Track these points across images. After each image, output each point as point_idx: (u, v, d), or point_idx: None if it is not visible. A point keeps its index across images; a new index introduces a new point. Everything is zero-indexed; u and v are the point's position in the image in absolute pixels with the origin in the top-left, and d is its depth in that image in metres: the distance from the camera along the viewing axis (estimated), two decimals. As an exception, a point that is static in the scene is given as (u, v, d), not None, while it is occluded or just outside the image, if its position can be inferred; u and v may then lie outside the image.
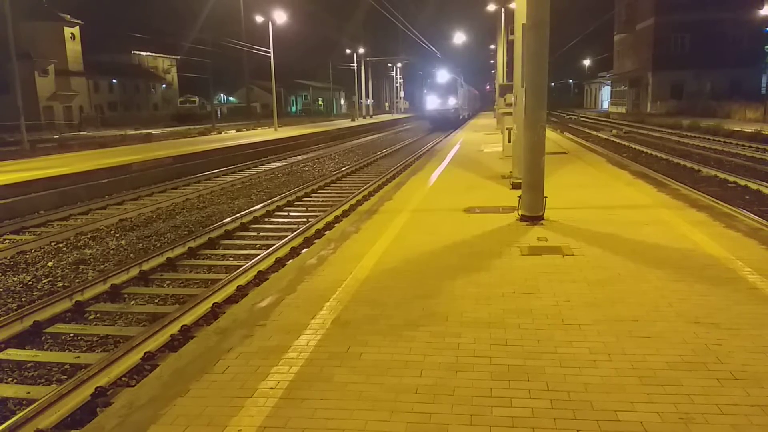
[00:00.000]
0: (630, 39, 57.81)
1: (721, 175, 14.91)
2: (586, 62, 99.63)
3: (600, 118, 54.94)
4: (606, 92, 78.28)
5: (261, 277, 7.20)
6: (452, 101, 45.88)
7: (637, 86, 56.25)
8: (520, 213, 7.86)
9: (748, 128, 27.17)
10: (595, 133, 34.89)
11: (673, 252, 6.04)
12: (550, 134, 24.27)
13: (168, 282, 7.63)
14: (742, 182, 13.68)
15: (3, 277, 8.06)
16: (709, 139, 26.56)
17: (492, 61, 60.58)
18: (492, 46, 47.05)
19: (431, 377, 3.51)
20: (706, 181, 14.69)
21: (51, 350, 5.66)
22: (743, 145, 22.42)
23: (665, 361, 3.62)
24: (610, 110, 66.08)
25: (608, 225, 7.36)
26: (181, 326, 5.66)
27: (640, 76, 54.29)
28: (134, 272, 7.62)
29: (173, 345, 5.36)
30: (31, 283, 7.76)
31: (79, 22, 62.65)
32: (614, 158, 16.71)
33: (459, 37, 58.69)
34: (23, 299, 7.13)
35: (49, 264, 8.62)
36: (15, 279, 7.91)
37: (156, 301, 6.94)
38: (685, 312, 4.41)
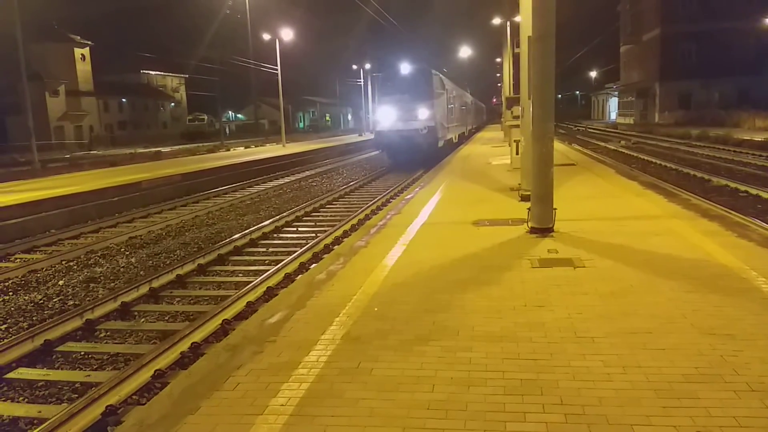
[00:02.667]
0: (636, 50, 57.88)
1: (732, 185, 14.80)
2: (593, 74, 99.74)
3: (608, 129, 54.82)
4: (613, 103, 78.23)
5: (270, 293, 7.19)
6: (423, 114, 23.89)
7: (644, 97, 56.22)
8: (529, 225, 7.82)
9: (758, 137, 27.02)
10: (603, 144, 34.82)
11: (686, 262, 5.98)
12: (558, 146, 24.24)
13: (178, 299, 7.64)
14: (754, 191, 13.56)
15: (14, 296, 8.09)
16: (718, 148, 26.42)
17: (498, 75, 60.90)
18: (498, 60, 47.00)
19: (443, 392, 3.47)
20: (717, 190, 14.58)
21: (62, 369, 5.66)
22: (753, 154, 22.27)
23: (681, 374, 3.57)
24: (618, 121, 65.99)
25: (619, 236, 7.31)
26: (192, 343, 5.65)
27: (648, 87, 54.28)
28: (144, 290, 7.64)
29: (183, 362, 5.35)
30: (42, 301, 7.79)
31: (89, 43, 63.62)
32: (623, 169, 16.64)
33: (465, 51, 59.08)
34: (34, 318, 7.15)
35: (60, 282, 8.66)
36: (26, 298, 7.95)
37: (166, 318, 6.94)
38: (700, 323, 4.35)
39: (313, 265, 8.03)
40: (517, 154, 13.38)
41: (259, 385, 3.69)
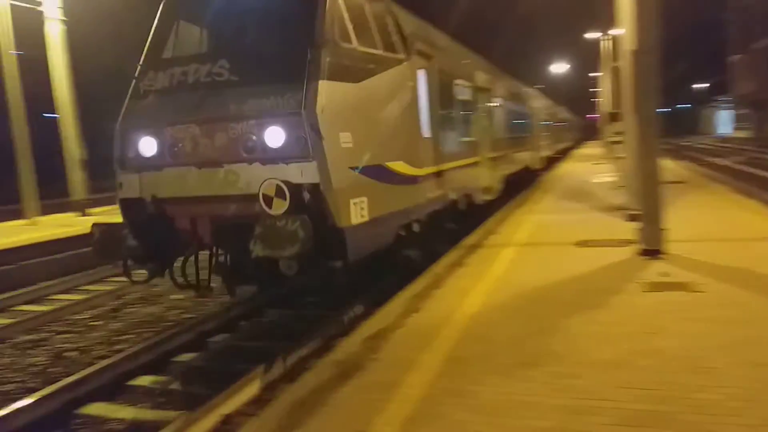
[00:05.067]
0: (746, 59, 54.19)
1: None
2: (698, 86, 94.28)
3: (717, 144, 51.43)
4: (722, 116, 73.56)
5: (368, 311, 7.27)
6: (278, 138, 5.30)
7: (761, 109, 52.34)
8: (637, 246, 7.46)
9: None
10: (714, 160, 32.69)
11: (818, 289, 5.47)
12: (665, 162, 22.95)
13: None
14: None
15: (137, 308, 8.71)
16: None
17: (591, 90, 58.81)
18: (591, 74, 45.29)
19: (552, 420, 3.38)
20: None
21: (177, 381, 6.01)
22: None
23: (819, 411, 3.26)
24: (733, 135, 61.82)
25: (738, 259, 6.80)
26: (298, 358, 5.85)
27: (764, 98, 50.47)
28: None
29: (291, 377, 5.53)
30: (160, 314, 8.33)
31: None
32: (739, 186, 15.52)
33: (559, 67, 57.75)
34: (154, 330, 7.66)
35: (171, 297, 9.19)
36: (145, 311, 8.54)
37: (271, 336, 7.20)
38: (839, 356, 3.96)
39: (411, 284, 8.06)
40: (621, 171, 12.86)
41: (362, 402, 3.75)
